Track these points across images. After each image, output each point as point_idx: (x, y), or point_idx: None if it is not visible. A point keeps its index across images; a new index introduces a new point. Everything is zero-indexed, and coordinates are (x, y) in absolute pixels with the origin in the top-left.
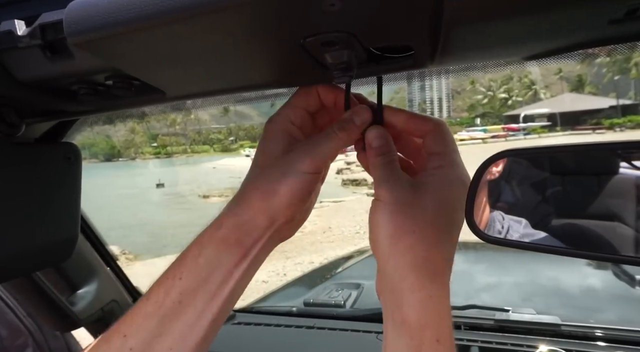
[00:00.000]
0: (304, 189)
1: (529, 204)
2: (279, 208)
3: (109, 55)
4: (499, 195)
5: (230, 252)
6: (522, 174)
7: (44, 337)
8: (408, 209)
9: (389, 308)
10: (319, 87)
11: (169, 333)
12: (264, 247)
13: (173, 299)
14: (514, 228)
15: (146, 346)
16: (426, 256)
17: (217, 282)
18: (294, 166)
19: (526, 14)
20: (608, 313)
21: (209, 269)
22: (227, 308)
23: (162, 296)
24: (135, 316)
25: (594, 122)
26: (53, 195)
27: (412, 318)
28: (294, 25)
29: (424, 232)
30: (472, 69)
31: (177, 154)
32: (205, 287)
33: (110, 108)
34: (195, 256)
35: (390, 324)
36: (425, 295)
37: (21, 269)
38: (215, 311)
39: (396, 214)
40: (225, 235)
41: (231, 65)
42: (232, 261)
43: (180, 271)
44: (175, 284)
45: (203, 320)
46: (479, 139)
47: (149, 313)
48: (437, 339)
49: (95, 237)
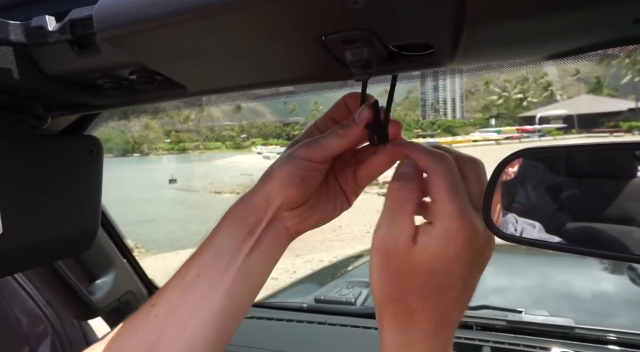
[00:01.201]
0: (298, 174)
1: (544, 207)
2: (273, 188)
3: (136, 50)
4: (514, 197)
5: (237, 226)
6: (538, 177)
7: (62, 326)
8: (395, 273)
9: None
10: (345, 97)
11: (188, 303)
12: (266, 230)
13: (192, 273)
14: (528, 231)
15: (169, 313)
16: (407, 321)
17: (228, 256)
18: (291, 153)
19: (550, 12)
20: (622, 317)
21: (221, 243)
22: (244, 282)
23: (185, 270)
24: (164, 289)
25: (612, 125)
26: (75, 187)
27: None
28: (316, 22)
29: (408, 303)
30: (487, 68)
31: (190, 150)
32: (218, 260)
33: (133, 102)
34: (213, 233)
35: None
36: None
37: (43, 257)
38: (227, 284)
39: (385, 273)
40: (233, 212)
41: (252, 62)
42: (240, 235)
43: (201, 248)
44: (195, 259)
45: (217, 291)
46: (493, 141)
47: (173, 286)
48: None
49: (113, 229)
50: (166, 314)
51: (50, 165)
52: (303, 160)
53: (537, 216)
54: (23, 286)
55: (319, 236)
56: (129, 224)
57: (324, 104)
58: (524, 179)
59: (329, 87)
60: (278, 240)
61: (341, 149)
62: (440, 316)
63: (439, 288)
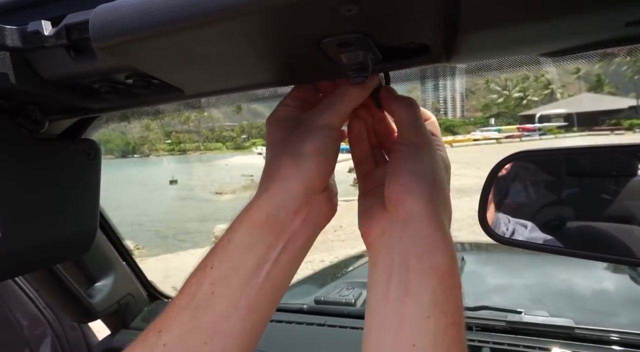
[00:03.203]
0: (329, 144)
1: (538, 206)
2: (311, 168)
3: (131, 58)
4: (507, 196)
5: (263, 232)
6: (531, 178)
7: (62, 328)
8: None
9: (414, 254)
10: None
11: (202, 326)
12: (303, 224)
13: (205, 290)
14: (519, 232)
15: (180, 340)
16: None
17: (251, 268)
18: (314, 122)
19: (542, 17)
20: (623, 317)
21: (240, 254)
22: (269, 295)
23: (195, 287)
24: (170, 311)
25: (613, 123)
26: (73, 190)
27: (443, 264)
28: (310, 28)
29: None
30: (487, 68)
31: (190, 151)
32: (237, 274)
33: (130, 105)
34: (225, 242)
35: (412, 270)
36: (452, 246)
37: (42, 261)
38: (251, 300)
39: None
40: (255, 214)
41: (249, 66)
42: (265, 242)
43: (211, 260)
44: (206, 274)
45: (239, 310)
46: (493, 139)
47: (182, 306)
48: (458, 287)
49: (112, 232)
50: (176, 341)
51: (49, 169)
52: (327, 129)
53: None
54: (23, 288)
55: (320, 236)
56: (128, 224)
57: None
58: (517, 179)
59: None
60: (315, 232)
61: (354, 106)
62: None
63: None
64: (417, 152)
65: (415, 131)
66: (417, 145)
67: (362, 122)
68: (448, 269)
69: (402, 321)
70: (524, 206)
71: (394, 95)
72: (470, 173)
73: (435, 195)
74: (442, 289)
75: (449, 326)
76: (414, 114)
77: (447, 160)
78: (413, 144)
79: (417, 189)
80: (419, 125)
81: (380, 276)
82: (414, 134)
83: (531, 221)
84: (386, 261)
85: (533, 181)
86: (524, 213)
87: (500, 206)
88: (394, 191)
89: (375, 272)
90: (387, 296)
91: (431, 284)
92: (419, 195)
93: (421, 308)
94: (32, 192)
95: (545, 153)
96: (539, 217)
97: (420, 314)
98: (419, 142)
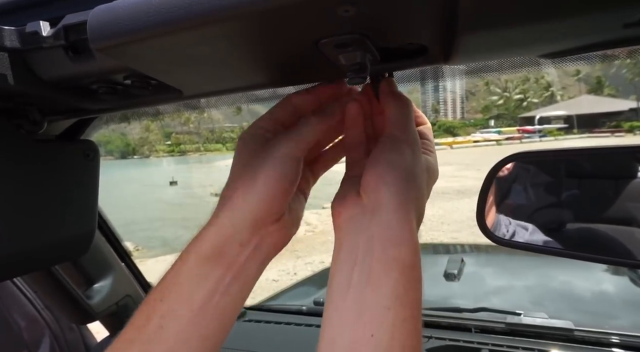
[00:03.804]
0: (287, 174)
1: (538, 208)
2: (263, 198)
3: (129, 59)
4: (507, 197)
5: (211, 264)
6: (531, 180)
7: (60, 329)
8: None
9: (379, 243)
10: (292, 96)
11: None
12: (253, 255)
13: (154, 324)
14: (520, 234)
15: None
16: (418, 203)
17: (200, 301)
18: (272, 152)
19: (540, 19)
20: (623, 319)
21: (189, 287)
22: (219, 324)
23: (144, 320)
24: (119, 343)
25: (613, 125)
26: (72, 191)
27: (406, 257)
28: (308, 29)
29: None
30: (487, 70)
31: (191, 152)
32: (186, 307)
33: (128, 106)
34: (175, 274)
35: (376, 259)
36: (417, 240)
37: (40, 262)
38: (201, 330)
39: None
40: (204, 246)
41: (247, 66)
42: (215, 274)
43: (161, 292)
44: (156, 307)
45: (190, 342)
46: (493, 141)
47: (130, 340)
48: (419, 281)
49: (111, 232)
50: None
51: (47, 170)
52: (287, 158)
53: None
54: (22, 289)
55: (320, 238)
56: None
57: None
58: (518, 180)
59: None
60: (265, 261)
61: (317, 137)
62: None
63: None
64: (399, 146)
65: (402, 128)
66: (400, 140)
67: (360, 106)
68: (411, 263)
69: (362, 309)
70: (524, 207)
71: (390, 90)
72: (470, 175)
73: (408, 190)
74: (403, 281)
75: (408, 319)
76: (405, 112)
77: (434, 165)
78: (397, 139)
79: (391, 181)
80: (407, 122)
81: (344, 260)
82: (400, 130)
83: (532, 223)
84: (351, 246)
85: (533, 182)
86: (524, 215)
87: (501, 206)
88: (369, 179)
89: (340, 256)
90: (350, 282)
91: (393, 275)
92: (392, 186)
93: (382, 298)
94: (31, 193)
95: (542, 154)
96: (539, 219)
97: (381, 305)
98: (404, 138)
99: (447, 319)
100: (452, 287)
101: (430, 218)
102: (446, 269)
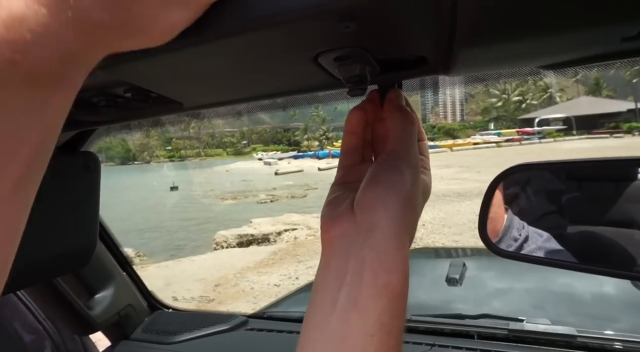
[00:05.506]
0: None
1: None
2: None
3: (128, 75)
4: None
5: None
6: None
7: (62, 340)
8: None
9: (370, 268)
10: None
11: None
12: None
13: None
14: (533, 239)
15: None
16: (413, 227)
17: None
18: None
19: (539, 33)
20: (626, 324)
21: None
22: None
23: None
24: None
25: (612, 126)
26: (73, 203)
27: (397, 285)
28: (308, 44)
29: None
30: (486, 78)
31: (191, 157)
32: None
33: (129, 118)
34: None
35: (365, 284)
36: (408, 268)
37: (41, 275)
38: None
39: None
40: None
41: (247, 79)
42: None
43: None
44: None
45: None
46: (493, 143)
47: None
48: (405, 310)
49: (112, 242)
50: None
51: (48, 182)
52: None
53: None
54: (23, 300)
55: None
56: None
57: (323, 108)
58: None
59: (327, 99)
60: None
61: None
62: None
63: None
64: (400, 167)
65: (405, 146)
66: (401, 159)
67: (363, 114)
68: (400, 292)
69: (346, 334)
70: (531, 211)
71: (397, 103)
72: (470, 177)
73: (405, 213)
74: (390, 309)
75: (391, 348)
76: (409, 129)
77: (429, 185)
78: (398, 158)
79: (391, 205)
80: (410, 141)
81: (331, 280)
82: (403, 149)
83: (539, 228)
84: (340, 267)
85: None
86: (532, 218)
87: (512, 204)
88: (367, 197)
89: (327, 276)
90: (335, 304)
91: (381, 303)
92: (391, 210)
93: (367, 325)
94: (32, 206)
95: (543, 166)
96: (547, 223)
97: (366, 331)
98: (405, 158)
99: (449, 326)
100: (455, 292)
101: (432, 221)
102: (448, 273)
